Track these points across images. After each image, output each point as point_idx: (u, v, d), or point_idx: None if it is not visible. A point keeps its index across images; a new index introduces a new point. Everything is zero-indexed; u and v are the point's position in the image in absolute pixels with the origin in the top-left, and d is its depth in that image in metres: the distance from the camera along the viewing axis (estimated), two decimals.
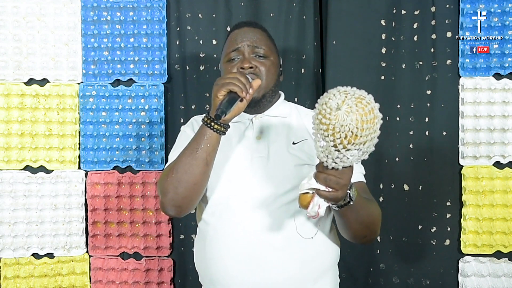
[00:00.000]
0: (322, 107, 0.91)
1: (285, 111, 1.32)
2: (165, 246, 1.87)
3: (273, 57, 1.29)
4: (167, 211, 1.18)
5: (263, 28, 1.35)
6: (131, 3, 1.88)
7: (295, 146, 1.24)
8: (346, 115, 0.88)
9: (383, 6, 1.82)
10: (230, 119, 1.12)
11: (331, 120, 0.89)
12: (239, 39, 1.27)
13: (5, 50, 1.85)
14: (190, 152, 1.12)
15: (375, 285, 1.84)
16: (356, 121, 0.88)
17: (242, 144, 1.25)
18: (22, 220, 1.85)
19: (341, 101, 0.90)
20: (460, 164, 1.80)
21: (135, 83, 1.88)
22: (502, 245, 1.77)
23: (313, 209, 0.98)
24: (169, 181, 1.13)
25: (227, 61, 1.28)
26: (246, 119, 1.28)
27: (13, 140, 1.85)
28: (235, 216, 1.19)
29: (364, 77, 1.82)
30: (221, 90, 1.10)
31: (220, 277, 1.20)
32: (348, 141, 0.90)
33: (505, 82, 1.79)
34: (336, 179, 0.96)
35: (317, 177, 0.97)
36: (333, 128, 0.89)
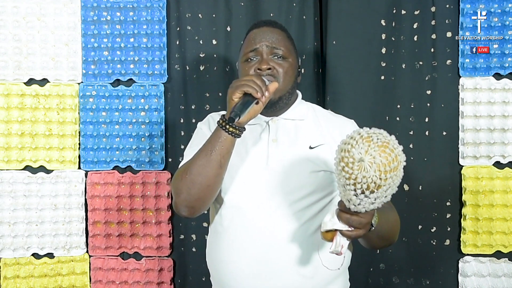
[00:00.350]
0: (345, 154, 0.89)
1: (302, 113, 1.29)
2: (165, 246, 1.87)
3: (292, 59, 1.26)
4: (180, 211, 1.18)
5: (283, 28, 1.32)
6: (131, 3, 1.88)
7: (312, 151, 1.22)
8: (369, 166, 0.86)
9: (383, 6, 1.82)
10: (245, 122, 1.11)
11: (354, 170, 0.87)
12: (258, 39, 1.24)
13: (5, 50, 1.85)
14: (205, 154, 1.11)
15: (375, 285, 1.83)
16: (379, 172, 0.87)
17: (258, 147, 1.23)
18: (22, 220, 1.85)
19: (364, 151, 0.87)
20: (460, 164, 1.80)
21: (135, 83, 1.88)
22: (502, 245, 1.77)
23: (337, 249, 0.98)
24: (183, 182, 1.13)
25: (244, 61, 1.25)
26: (263, 121, 1.26)
27: (13, 140, 1.85)
28: (248, 220, 1.18)
29: (364, 77, 1.82)
30: (235, 92, 1.08)
31: (230, 281, 1.20)
32: (371, 191, 0.89)
33: (505, 82, 1.79)
34: (359, 219, 0.95)
35: (340, 217, 0.97)
36: (355, 178, 0.88)
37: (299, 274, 1.16)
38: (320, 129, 1.26)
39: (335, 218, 0.97)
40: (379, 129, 0.92)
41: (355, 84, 1.82)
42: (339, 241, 0.98)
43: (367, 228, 0.98)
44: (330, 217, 0.98)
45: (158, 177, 1.87)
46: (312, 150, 1.22)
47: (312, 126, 1.27)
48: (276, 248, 1.16)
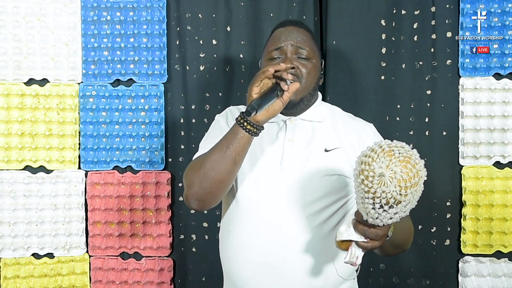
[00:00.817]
0: (365, 167, 0.88)
1: (321, 115, 1.27)
2: (165, 246, 1.87)
3: (315, 60, 1.24)
4: (191, 204, 1.17)
5: (309, 29, 1.30)
6: (131, 3, 1.88)
7: (327, 154, 1.21)
8: (390, 181, 0.85)
9: (383, 6, 1.82)
10: (263, 120, 1.09)
11: (374, 184, 0.86)
12: (283, 38, 1.22)
13: (5, 50, 1.85)
14: (220, 149, 1.10)
15: (375, 285, 1.83)
16: (400, 188, 0.86)
17: (273, 146, 1.22)
18: (22, 220, 1.85)
19: (385, 166, 0.86)
20: (460, 164, 1.80)
21: (135, 83, 1.88)
22: (502, 245, 1.77)
23: (352, 259, 0.97)
24: (196, 175, 1.12)
25: (268, 59, 1.24)
26: (280, 120, 1.25)
27: (13, 140, 1.85)
28: (258, 219, 1.18)
29: (364, 77, 1.82)
30: (253, 86, 1.08)
31: (238, 279, 1.20)
32: (390, 206, 0.88)
33: (505, 82, 1.79)
34: (376, 231, 0.94)
35: (356, 228, 0.95)
36: (374, 192, 0.86)
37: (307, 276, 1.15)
38: (337, 132, 1.25)
39: (351, 228, 0.96)
40: (400, 142, 0.90)
41: (355, 84, 1.82)
42: (354, 252, 0.97)
43: (383, 240, 0.97)
44: (346, 227, 0.97)
45: (158, 177, 1.87)
46: (328, 153, 1.21)
47: (330, 128, 1.26)
48: (285, 250, 1.15)
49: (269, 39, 1.28)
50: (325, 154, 1.20)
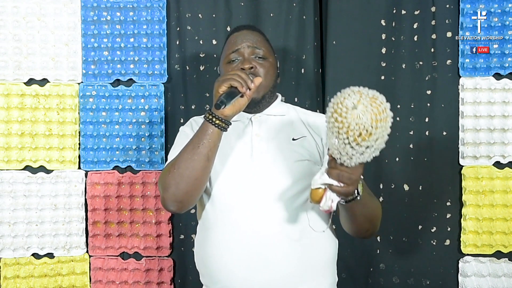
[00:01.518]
0: (337, 106, 0.95)
1: (283, 110, 1.34)
2: (165, 246, 1.87)
3: (272, 59, 1.32)
4: (168, 206, 1.19)
5: (261, 32, 1.38)
6: (131, 3, 1.88)
7: (295, 143, 1.26)
8: (362, 114, 0.92)
9: (383, 6, 1.82)
10: (231, 115, 1.14)
11: (347, 118, 0.93)
12: (239, 41, 1.29)
13: (5, 50, 1.85)
14: (192, 147, 1.14)
15: (375, 285, 1.83)
16: (371, 120, 0.93)
17: (242, 142, 1.26)
18: (22, 220, 1.85)
19: (356, 101, 0.94)
20: (460, 164, 1.80)
21: (135, 83, 1.88)
22: (502, 245, 1.77)
23: (327, 204, 1.02)
24: (171, 176, 1.15)
25: (227, 62, 1.30)
26: (245, 118, 1.30)
27: (13, 140, 1.85)
28: (236, 213, 1.20)
29: (364, 77, 1.82)
30: (222, 85, 1.12)
31: (221, 275, 1.21)
32: (362, 139, 0.94)
33: (505, 82, 1.79)
34: (349, 174, 0.99)
35: (330, 173, 1.00)
36: (348, 126, 0.93)
37: (288, 264, 1.18)
38: (301, 123, 1.32)
39: (325, 175, 1.01)
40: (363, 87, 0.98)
41: (355, 84, 1.79)
42: (329, 196, 1.01)
43: (355, 185, 1.01)
44: (320, 175, 1.02)
45: (158, 177, 1.86)
46: (295, 142, 1.26)
47: (294, 120, 1.32)
48: (266, 239, 1.18)
49: (225, 44, 1.35)
50: (293, 143, 1.26)
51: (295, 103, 1.83)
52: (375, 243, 1.83)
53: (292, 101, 1.84)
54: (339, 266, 1.86)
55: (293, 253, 1.19)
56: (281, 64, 1.85)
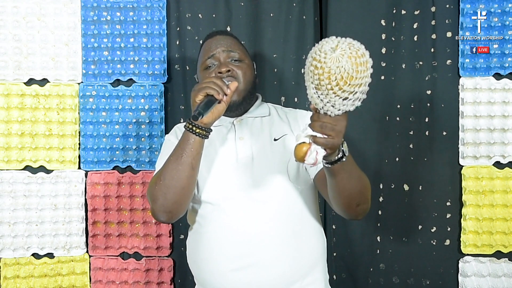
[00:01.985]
0: (316, 53, 0.94)
1: (264, 111, 1.36)
2: (165, 246, 1.87)
3: (248, 61, 1.33)
4: (158, 217, 1.21)
5: (234, 36, 1.40)
6: (131, 3, 1.88)
7: (277, 142, 1.27)
8: (341, 57, 0.92)
9: (383, 6, 1.82)
10: (211, 122, 1.15)
11: (327, 63, 0.92)
12: (214, 46, 1.31)
13: (5, 50, 1.85)
14: (176, 158, 1.15)
15: (375, 285, 1.83)
16: (351, 63, 0.91)
17: (226, 146, 1.28)
18: (22, 220, 1.85)
19: (334, 45, 0.93)
20: (460, 164, 1.80)
21: (135, 83, 1.88)
22: (502, 245, 1.77)
23: (312, 156, 0.98)
24: (158, 188, 1.16)
25: (204, 69, 1.31)
26: (228, 122, 1.32)
27: (13, 140, 1.85)
28: (225, 216, 1.22)
29: None
30: (198, 94, 1.13)
31: (213, 278, 1.22)
32: (344, 82, 0.92)
33: (505, 82, 1.79)
34: (332, 125, 0.96)
35: (313, 126, 0.98)
36: (328, 71, 0.92)
37: (279, 265, 1.19)
38: (282, 122, 1.33)
39: (308, 129, 0.99)
40: None
41: None
42: (313, 149, 0.98)
43: (339, 137, 0.98)
44: (303, 130, 1.00)
45: None
46: (277, 142, 1.28)
47: (275, 120, 1.34)
48: (255, 242, 1.19)
49: (200, 51, 1.37)
50: (275, 143, 1.27)
51: (295, 103, 1.84)
52: (375, 243, 1.83)
53: (292, 101, 1.84)
54: (339, 266, 1.86)
55: (284, 253, 1.20)
56: (281, 64, 1.85)
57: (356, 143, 1.80)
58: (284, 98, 1.85)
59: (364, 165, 1.80)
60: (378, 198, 1.82)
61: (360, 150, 1.80)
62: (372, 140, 1.82)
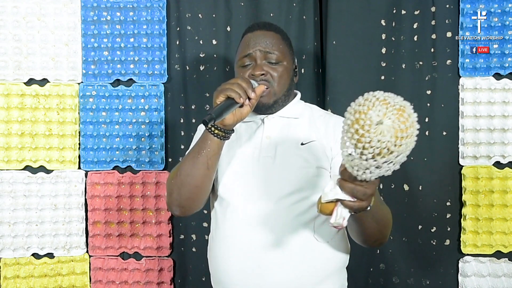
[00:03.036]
0: (360, 116, 0.84)
1: (298, 111, 1.30)
2: (165, 246, 1.87)
3: (287, 61, 1.26)
4: (173, 210, 1.22)
5: (278, 30, 1.31)
6: (131, 3, 1.88)
7: (303, 147, 1.23)
8: (387, 130, 0.82)
9: (383, 6, 1.82)
10: (231, 124, 1.11)
11: (370, 133, 0.82)
12: (252, 44, 1.25)
13: (5, 50, 1.85)
14: (193, 156, 1.14)
15: (375, 285, 1.83)
16: (396, 138, 0.82)
17: (251, 143, 1.25)
18: (22, 220, 1.85)
19: (382, 114, 0.83)
20: (460, 164, 1.80)
21: (135, 83, 1.88)
22: (502, 245, 1.77)
23: (338, 221, 0.92)
24: (174, 182, 1.17)
25: (240, 66, 1.27)
26: (258, 119, 1.28)
27: (13, 140, 1.85)
28: (238, 215, 1.20)
29: (364, 77, 1.82)
30: (219, 95, 1.09)
31: (223, 276, 1.21)
32: (382, 156, 0.84)
33: (505, 82, 1.79)
34: (364, 189, 0.90)
35: (343, 187, 0.90)
36: (369, 142, 0.83)
37: (289, 270, 1.16)
38: (313, 126, 1.27)
39: (337, 188, 0.91)
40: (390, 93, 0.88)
41: (355, 84, 1.82)
42: (341, 212, 0.92)
43: (369, 200, 0.93)
44: (332, 187, 0.92)
45: (158, 177, 1.87)
46: (303, 146, 1.23)
47: (306, 124, 1.28)
48: (266, 245, 1.16)
49: (239, 44, 1.30)
50: (301, 147, 1.23)
51: None
52: None
53: None
54: None
55: (294, 258, 1.17)
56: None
57: None
58: None
59: None
60: None
61: None
62: None
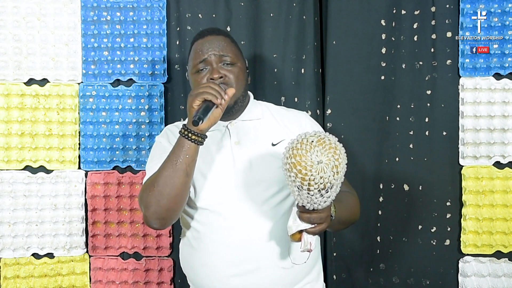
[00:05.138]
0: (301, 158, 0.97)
1: (258, 113, 1.34)
2: (165, 246, 1.87)
3: (240, 63, 1.30)
4: (151, 224, 1.19)
5: (226, 34, 1.36)
6: (131, 3, 1.88)
7: (275, 148, 1.26)
8: (326, 167, 0.96)
9: (383, 6, 1.82)
10: (206, 129, 1.14)
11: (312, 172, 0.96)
12: (205, 49, 1.27)
13: (5, 50, 1.85)
14: (170, 164, 1.13)
15: (375, 285, 1.83)
16: (333, 173, 0.97)
17: (222, 152, 1.26)
18: (22, 220, 1.85)
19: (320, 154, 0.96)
20: (460, 164, 1.80)
21: (135, 83, 1.88)
22: (502, 245, 1.77)
23: (306, 247, 1.07)
24: (151, 194, 1.14)
25: (195, 72, 1.29)
26: (222, 126, 1.29)
27: (13, 140, 1.85)
28: (223, 222, 1.21)
29: (364, 77, 1.82)
30: (195, 100, 1.11)
31: (211, 283, 1.22)
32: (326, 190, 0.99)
33: (505, 82, 1.79)
34: (319, 215, 1.04)
35: (301, 217, 1.05)
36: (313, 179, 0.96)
37: (278, 268, 1.20)
38: (278, 125, 1.31)
39: (297, 220, 1.06)
40: (319, 131, 1.03)
41: (355, 84, 1.82)
42: (307, 239, 1.06)
43: (328, 221, 1.06)
44: (293, 220, 1.07)
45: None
46: (275, 147, 1.26)
47: (271, 123, 1.32)
48: (254, 246, 1.19)
49: (190, 51, 1.33)
50: (273, 148, 1.26)
51: (295, 103, 1.83)
52: (375, 243, 1.83)
53: (292, 101, 1.84)
54: (339, 266, 1.86)
55: (282, 258, 1.20)
56: (281, 64, 1.85)
57: (356, 143, 1.80)
58: (284, 98, 1.84)
59: (364, 165, 1.80)
60: (378, 198, 1.82)
61: (360, 150, 1.80)
62: (372, 140, 1.82)
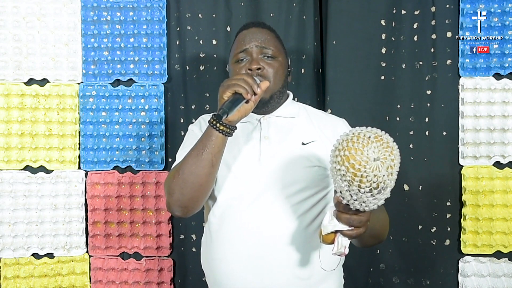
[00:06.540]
0: (356, 152, 0.89)
1: (293, 111, 1.30)
2: (165, 246, 1.87)
3: (281, 58, 1.28)
4: (174, 211, 1.18)
5: (271, 29, 1.33)
6: (131, 3, 1.88)
7: (305, 147, 1.23)
8: (381, 165, 0.89)
9: (383, 6, 1.82)
10: (236, 120, 1.11)
11: (366, 169, 0.89)
12: (247, 40, 1.25)
13: (5, 50, 1.85)
14: (196, 153, 1.12)
15: (375, 285, 1.83)
16: (388, 173, 0.90)
17: (249, 145, 1.24)
18: (22, 220, 1.85)
19: (378, 150, 0.90)
20: (460, 164, 1.80)
21: (135, 83, 1.88)
22: (502, 245, 1.77)
23: (340, 250, 1.00)
24: (175, 182, 1.13)
25: (235, 62, 1.26)
26: (254, 119, 1.27)
27: (13, 140, 1.85)
28: (241, 218, 1.19)
29: (364, 77, 1.82)
30: (226, 91, 1.09)
31: (225, 278, 1.20)
32: (378, 190, 0.91)
33: (505, 82, 1.79)
34: (359, 218, 0.96)
35: (340, 218, 0.97)
36: (366, 177, 0.89)
37: (293, 271, 1.17)
38: (312, 126, 1.28)
39: (334, 220, 0.98)
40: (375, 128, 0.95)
41: (355, 84, 1.82)
42: (341, 242, 0.99)
43: (366, 226, 0.99)
44: (329, 219, 0.99)
45: (158, 177, 1.87)
46: (305, 146, 1.23)
47: (304, 123, 1.29)
48: (270, 245, 1.17)
49: (234, 42, 1.31)
50: (302, 147, 1.23)
51: None
52: None
53: None
54: None
55: (298, 258, 1.17)
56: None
57: None
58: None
59: None
60: None
61: None
62: None
